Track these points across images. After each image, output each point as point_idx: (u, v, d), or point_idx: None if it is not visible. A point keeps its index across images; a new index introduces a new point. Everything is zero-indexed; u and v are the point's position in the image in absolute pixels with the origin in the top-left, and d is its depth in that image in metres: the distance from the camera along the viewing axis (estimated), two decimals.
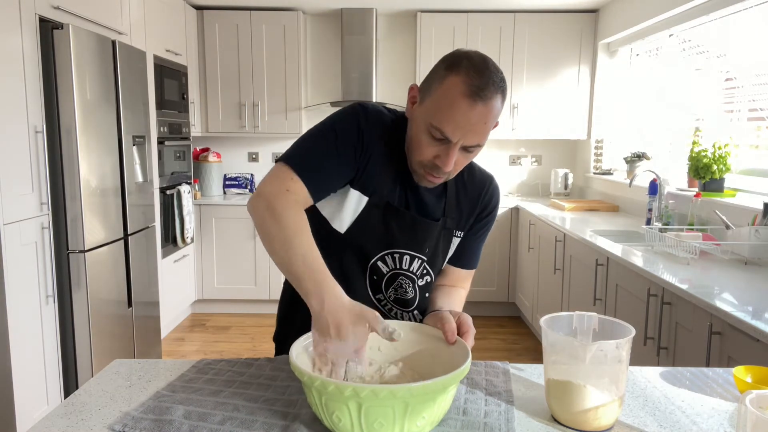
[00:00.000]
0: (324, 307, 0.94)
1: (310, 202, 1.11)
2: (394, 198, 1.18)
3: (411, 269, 1.22)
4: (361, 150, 1.13)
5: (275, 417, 0.93)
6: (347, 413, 0.81)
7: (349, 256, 1.20)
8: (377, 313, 0.94)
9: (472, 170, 1.27)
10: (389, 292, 1.24)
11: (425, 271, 1.24)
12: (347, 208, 1.17)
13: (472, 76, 1.01)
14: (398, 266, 1.22)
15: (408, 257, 1.21)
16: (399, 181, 1.19)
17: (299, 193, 1.08)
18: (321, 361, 0.93)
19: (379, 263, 1.21)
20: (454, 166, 1.09)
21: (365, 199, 1.16)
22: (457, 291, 1.31)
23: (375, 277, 1.22)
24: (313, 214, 1.18)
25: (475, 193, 1.26)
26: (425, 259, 1.23)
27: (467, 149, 1.08)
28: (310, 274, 0.98)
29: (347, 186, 1.16)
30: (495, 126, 1.10)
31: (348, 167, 1.13)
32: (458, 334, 1.00)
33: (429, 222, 1.20)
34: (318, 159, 1.10)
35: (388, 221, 1.18)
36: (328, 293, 0.95)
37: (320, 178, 1.10)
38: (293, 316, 1.30)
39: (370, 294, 1.23)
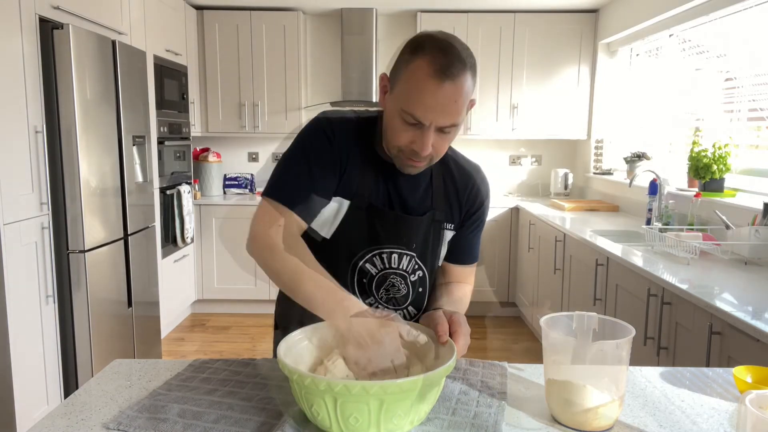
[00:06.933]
0: (351, 323, 0.95)
1: (304, 226, 1.14)
2: (377, 197, 1.18)
3: (401, 266, 1.22)
4: (337, 158, 1.14)
5: (269, 416, 0.93)
6: (324, 407, 0.82)
7: (334, 260, 1.19)
8: (396, 315, 0.97)
9: (457, 162, 1.26)
10: (380, 293, 1.23)
11: (416, 266, 1.24)
12: (330, 215, 1.18)
13: (437, 56, 1.00)
14: (388, 266, 1.21)
15: (396, 255, 1.21)
16: (381, 180, 1.19)
17: (291, 224, 1.11)
18: (362, 373, 0.93)
19: (367, 265, 1.21)
20: (432, 149, 1.07)
21: (347, 203, 1.17)
22: (459, 287, 1.30)
23: (364, 280, 1.22)
24: None
25: (462, 185, 1.25)
26: (414, 255, 1.22)
27: (443, 130, 1.06)
28: (325, 298, 1.00)
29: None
30: (471, 106, 1.09)
31: (330, 181, 1.14)
32: (450, 334, 1.00)
33: (413, 218, 1.20)
34: (299, 184, 1.12)
35: (372, 222, 1.18)
36: (349, 309, 0.97)
37: (307, 202, 1.12)
38: (289, 316, 1.29)
39: (359, 298, 1.23)
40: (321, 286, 1.02)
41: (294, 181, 1.13)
